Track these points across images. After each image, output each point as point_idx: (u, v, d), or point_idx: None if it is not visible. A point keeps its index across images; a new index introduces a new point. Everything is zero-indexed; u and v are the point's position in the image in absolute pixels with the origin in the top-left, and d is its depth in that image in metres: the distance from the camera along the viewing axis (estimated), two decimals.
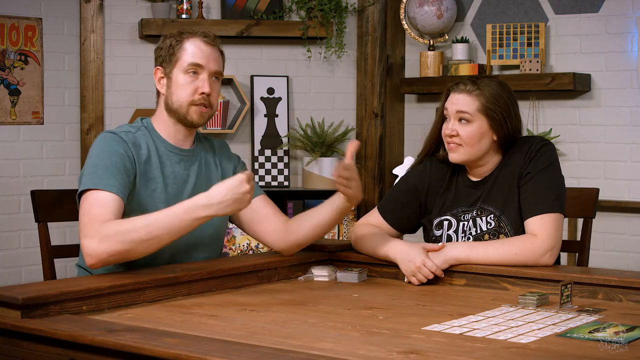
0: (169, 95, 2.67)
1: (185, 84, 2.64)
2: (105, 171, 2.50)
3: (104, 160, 2.53)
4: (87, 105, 4.68)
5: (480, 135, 2.75)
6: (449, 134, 2.77)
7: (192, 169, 2.71)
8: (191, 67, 2.64)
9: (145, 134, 2.67)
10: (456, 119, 2.76)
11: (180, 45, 2.66)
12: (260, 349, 1.79)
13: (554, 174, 2.74)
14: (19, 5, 4.53)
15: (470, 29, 4.77)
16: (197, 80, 2.64)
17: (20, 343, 2.04)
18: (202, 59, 2.65)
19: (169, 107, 2.67)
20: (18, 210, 4.53)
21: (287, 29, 4.75)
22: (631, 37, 4.28)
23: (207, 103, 2.66)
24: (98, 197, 2.47)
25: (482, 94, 2.75)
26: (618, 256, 4.31)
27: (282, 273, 2.72)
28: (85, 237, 2.40)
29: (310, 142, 4.70)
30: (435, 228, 2.83)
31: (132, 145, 2.60)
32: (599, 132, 4.37)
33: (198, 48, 2.65)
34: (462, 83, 2.79)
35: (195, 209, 2.39)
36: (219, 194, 2.39)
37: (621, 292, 2.44)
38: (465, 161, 2.79)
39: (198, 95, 2.64)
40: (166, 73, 2.68)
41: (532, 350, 1.86)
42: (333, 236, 4.60)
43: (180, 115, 2.66)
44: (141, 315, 2.19)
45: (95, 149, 2.58)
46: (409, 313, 2.26)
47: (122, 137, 2.60)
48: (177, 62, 2.65)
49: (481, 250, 2.65)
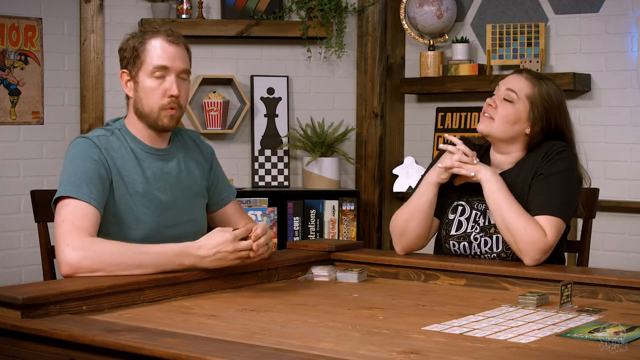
0: (138, 100, 2.64)
1: (154, 87, 2.60)
2: (81, 179, 2.50)
3: (78, 168, 2.52)
4: (87, 105, 4.68)
5: (515, 119, 2.78)
6: (489, 103, 2.81)
7: (172, 165, 2.70)
8: (157, 69, 2.60)
9: (119, 136, 2.65)
10: (502, 95, 2.80)
11: (144, 47, 2.61)
12: (260, 349, 1.79)
13: (566, 180, 2.74)
14: (19, 5, 4.53)
15: (470, 29, 4.77)
16: (165, 82, 2.60)
17: (20, 343, 2.04)
18: (167, 60, 2.60)
19: (139, 112, 2.65)
20: (18, 210, 4.53)
21: (287, 29, 4.75)
22: (631, 37, 4.28)
23: (176, 105, 2.62)
24: (78, 206, 2.47)
25: (538, 86, 2.80)
26: (618, 256, 4.31)
27: (282, 273, 2.72)
28: (68, 246, 2.39)
29: (310, 142, 4.70)
30: (450, 211, 2.84)
31: (105, 150, 2.59)
32: (599, 132, 4.37)
33: (162, 49, 2.60)
34: (526, 70, 2.87)
35: (184, 256, 2.42)
36: (205, 249, 2.42)
37: (621, 292, 2.44)
38: (489, 135, 2.82)
39: (167, 99, 2.60)
40: (132, 76, 2.65)
41: (532, 350, 1.86)
42: (333, 236, 4.60)
43: (151, 121, 2.64)
44: (141, 315, 2.19)
45: (70, 155, 2.57)
46: (409, 313, 2.26)
47: (95, 142, 2.58)
48: (142, 65, 2.61)
49: (502, 195, 2.67)
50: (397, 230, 2.87)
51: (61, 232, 2.44)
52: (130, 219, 2.60)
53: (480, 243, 2.79)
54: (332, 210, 4.60)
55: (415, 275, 2.76)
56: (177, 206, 2.69)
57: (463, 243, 2.81)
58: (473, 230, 2.80)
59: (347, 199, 4.61)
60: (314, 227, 4.59)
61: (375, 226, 4.87)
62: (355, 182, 4.93)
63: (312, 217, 4.59)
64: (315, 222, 4.59)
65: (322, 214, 4.60)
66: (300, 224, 4.58)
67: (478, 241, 2.79)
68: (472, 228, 2.80)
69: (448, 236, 2.84)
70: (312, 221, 4.59)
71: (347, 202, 4.60)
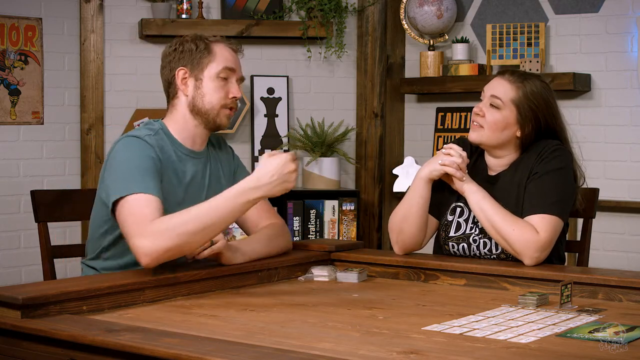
0: (198, 97, 2.68)
1: (219, 87, 2.69)
2: (140, 175, 2.49)
3: (136, 165, 2.51)
4: (87, 105, 4.68)
5: (504, 125, 2.77)
6: (477, 112, 2.81)
7: (206, 170, 2.74)
8: (224, 71, 2.69)
9: (163, 137, 2.66)
10: (488, 102, 2.78)
11: (212, 49, 2.70)
12: (260, 349, 1.79)
13: (561, 178, 2.74)
14: (19, 5, 4.53)
15: (470, 29, 4.77)
16: (228, 84, 2.70)
17: (20, 343, 2.04)
18: (234, 63, 2.72)
19: (197, 109, 2.69)
20: (18, 210, 4.53)
21: (287, 29, 4.75)
22: (631, 37, 4.28)
23: (235, 106, 2.73)
24: (138, 198, 2.45)
25: (521, 88, 2.77)
26: (618, 256, 4.31)
27: (282, 273, 2.72)
28: (135, 236, 2.38)
29: (310, 142, 4.70)
30: (449, 213, 2.84)
31: (157, 148, 2.60)
32: (599, 132, 4.37)
33: (229, 53, 2.72)
34: (508, 72, 2.84)
35: (245, 192, 2.41)
36: (265, 176, 2.40)
37: (621, 292, 2.44)
38: (481, 144, 2.83)
39: (230, 99, 2.70)
40: (194, 75, 2.69)
41: (532, 350, 1.86)
42: (333, 236, 4.60)
43: (210, 118, 2.68)
44: (141, 315, 2.19)
45: (124, 154, 2.55)
46: (409, 313, 2.26)
47: (148, 140, 2.59)
48: (209, 64, 2.68)
49: (488, 203, 2.69)
50: (394, 229, 2.87)
51: (127, 228, 2.42)
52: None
53: (480, 244, 2.79)
54: (332, 210, 4.60)
55: (415, 275, 2.76)
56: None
57: (462, 244, 2.81)
58: (472, 232, 2.80)
59: (347, 199, 4.61)
60: (314, 227, 4.60)
61: (375, 226, 4.87)
62: (355, 182, 4.93)
63: (312, 217, 4.59)
64: (315, 222, 4.59)
65: (322, 214, 4.60)
66: (300, 224, 4.58)
67: (477, 242, 2.79)
68: (471, 229, 2.80)
69: (447, 238, 2.84)
70: (312, 221, 4.59)
71: (347, 202, 4.60)
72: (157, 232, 2.37)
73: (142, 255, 2.37)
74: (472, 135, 2.82)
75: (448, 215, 2.86)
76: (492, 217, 2.67)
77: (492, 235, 2.71)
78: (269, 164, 2.42)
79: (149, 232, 2.37)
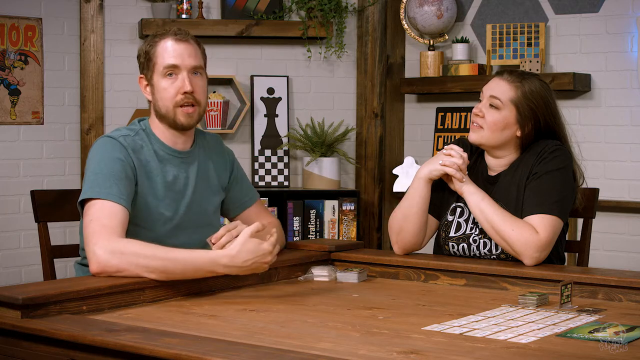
0: (156, 102, 2.66)
1: (167, 87, 2.63)
2: (108, 180, 2.49)
3: (105, 168, 2.51)
4: (87, 105, 4.68)
5: (504, 125, 2.77)
6: (476, 113, 2.81)
7: (191, 170, 2.71)
8: (167, 69, 2.62)
9: (143, 137, 2.66)
10: (487, 103, 2.78)
11: (154, 49, 2.64)
12: (260, 349, 1.79)
13: (560, 178, 2.74)
14: (19, 5, 4.53)
15: (470, 29, 4.77)
16: (177, 80, 2.63)
17: (20, 343, 2.04)
18: (175, 58, 2.62)
19: (159, 114, 2.66)
20: (18, 210, 4.53)
21: (287, 29, 4.75)
22: (631, 37, 4.28)
23: (192, 101, 2.63)
24: (105, 206, 2.45)
25: (520, 87, 2.78)
26: (618, 256, 4.31)
27: (282, 273, 2.72)
28: (96, 244, 2.38)
29: (310, 142, 4.70)
30: (449, 213, 2.84)
31: (131, 150, 2.59)
32: (599, 132, 4.37)
33: (171, 48, 2.63)
34: (507, 72, 2.84)
35: (215, 264, 2.36)
36: (241, 259, 2.36)
37: (621, 292, 2.44)
38: (481, 145, 2.83)
39: (180, 96, 2.62)
40: (148, 80, 2.67)
41: (532, 350, 1.86)
42: (333, 236, 4.60)
43: (170, 120, 2.65)
44: (141, 315, 2.19)
45: (96, 155, 2.57)
46: (409, 313, 2.26)
47: (121, 142, 2.58)
48: (154, 67, 2.64)
49: (487, 204, 2.69)
50: (394, 229, 2.87)
51: (90, 231, 2.42)
52: (146, 221, 2.60)
53: (480, 245, 2.79)
54: (332, 210, 4.60)
55: (415, 275, 2.76)
56: (193, 210, 2.69)
57: (462, 245, 2.81)
58: (472, 232, 2.80)
59: (347, 199, 4.61)
60: (314, 227, 4.59)
61: (375, 226, 4.87)
62: (355, 182, 4.93)
63: (312, 217, 4.59)
64: (315, 222, 4.59)
65: (322, 214, 4.60)
66: (300, 224, 4.58)
67: (477, 243, 2.79)
68: (472, 229, 2.80)
69: (447, 238, 2.84)
70: (312, 221, 4.59)
71: (347, 202, 4.60)
72: (116, 251, 2.36)
73: (94, 262, 2.37)
74: (472, 136, 2.82)
75: (448, 215, 2.86)
76: (492, 218, 2.68)
77: (491, 236, 2.71)
78: (249, 246, 2.37)
79: (109, 248, 2.36)
